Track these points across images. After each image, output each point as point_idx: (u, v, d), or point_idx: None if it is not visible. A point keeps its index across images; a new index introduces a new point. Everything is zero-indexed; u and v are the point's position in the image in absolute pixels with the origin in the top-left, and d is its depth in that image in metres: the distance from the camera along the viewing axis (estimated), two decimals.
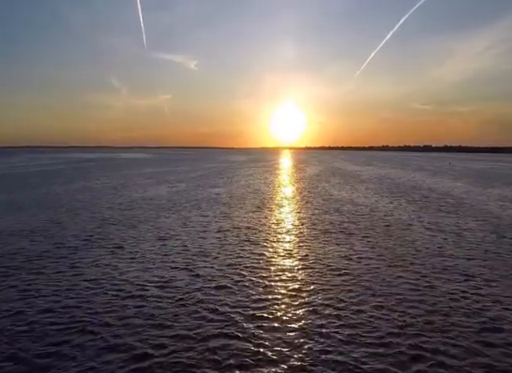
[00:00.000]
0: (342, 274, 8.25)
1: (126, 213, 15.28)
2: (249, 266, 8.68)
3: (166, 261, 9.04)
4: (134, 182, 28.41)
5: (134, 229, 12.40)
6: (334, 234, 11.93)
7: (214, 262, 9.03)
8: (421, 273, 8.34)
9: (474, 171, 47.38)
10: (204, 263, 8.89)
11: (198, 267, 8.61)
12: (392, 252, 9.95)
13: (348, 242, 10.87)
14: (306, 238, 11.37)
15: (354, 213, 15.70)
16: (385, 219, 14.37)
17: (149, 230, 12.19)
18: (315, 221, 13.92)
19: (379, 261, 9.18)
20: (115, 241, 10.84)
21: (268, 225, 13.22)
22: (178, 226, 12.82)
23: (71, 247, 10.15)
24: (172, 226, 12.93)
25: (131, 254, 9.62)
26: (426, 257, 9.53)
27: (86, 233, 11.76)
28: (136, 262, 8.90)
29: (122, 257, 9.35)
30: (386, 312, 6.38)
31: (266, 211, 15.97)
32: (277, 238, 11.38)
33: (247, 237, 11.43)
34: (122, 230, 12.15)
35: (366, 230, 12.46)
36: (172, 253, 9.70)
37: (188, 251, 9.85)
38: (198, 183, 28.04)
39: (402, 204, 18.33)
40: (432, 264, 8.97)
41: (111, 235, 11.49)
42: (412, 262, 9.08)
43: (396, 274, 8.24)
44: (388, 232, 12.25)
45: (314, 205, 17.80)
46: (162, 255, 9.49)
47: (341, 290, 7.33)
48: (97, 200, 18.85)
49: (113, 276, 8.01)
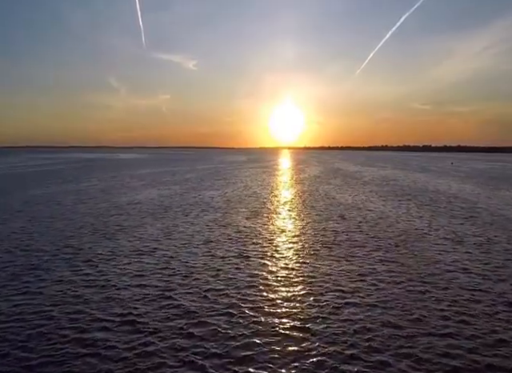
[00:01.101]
0: (350, 299, 6.77)
1: (107, 220, 13.78)
2: (239, 294, 7.20)
3: (136, 286, 7.54)
4: (125, 184, 26.92)
5: (110, 240, 10.90)
6: (339, 246, 10.45)
7: (196, 286, 7.54)
8: (447, 299, 6.87)
9: (479, 172, 45.94)
10: (183, 289, 7.40)
11: (176, 297, 7.12)
12: (408, 269, 8.47)
13: (356, 257, 9.39)
14: (307, 252, 9.88)
15: (361, 220, 14.22)
16: (395, 228, 12.89)
17: (127, 242, 10.69)
18: (317, 230, 12.44)
19: (394, 283, 7.69)
20: (83, 256, 9.32)
21: (264, 235, 11.73)
22: (161, 237, 11.32)
23: (27, 265, 8.64)
24: (155, 236, 11.43)
25: (96, 274, 8.11)
26: (450, 277, 8.05)
27: (53, 245, 10.25)
28: (99, 287, 7.38)
29: (84, 279, 7.84)
30: (407, 352, 4.91)
31: (263, 218, 14.48)
32: (274, 252, 9.89)
33: (239, 251, 9.94)
34: (94, 242, 10.64)
35: (375, 242, 10.98)
36: (146, 273, 8.18)
37: (167, 271, 8.35)
38: (192, 185, 26.55)
39: (411, 209, 16.86)
40: (459, 286, 7.49)
41: (81, 248, 9.98)
42: (435, 284, 7.60)
43: (415, 299, 6.76)
44: (401, 244, 10.77)
45: (316, 210, 16.32)
46: (132, 277, 7.97)
47: (350, 321, 5.85)
48: (80, 204, 17.35)
49: (65, 310, 6.51)
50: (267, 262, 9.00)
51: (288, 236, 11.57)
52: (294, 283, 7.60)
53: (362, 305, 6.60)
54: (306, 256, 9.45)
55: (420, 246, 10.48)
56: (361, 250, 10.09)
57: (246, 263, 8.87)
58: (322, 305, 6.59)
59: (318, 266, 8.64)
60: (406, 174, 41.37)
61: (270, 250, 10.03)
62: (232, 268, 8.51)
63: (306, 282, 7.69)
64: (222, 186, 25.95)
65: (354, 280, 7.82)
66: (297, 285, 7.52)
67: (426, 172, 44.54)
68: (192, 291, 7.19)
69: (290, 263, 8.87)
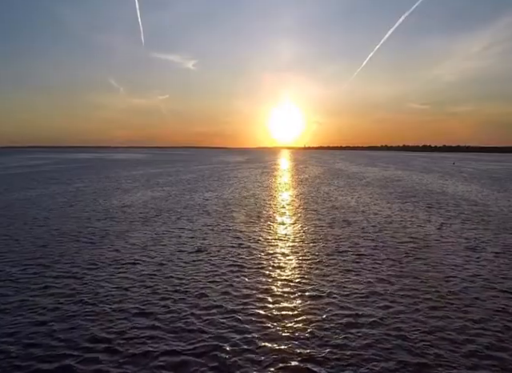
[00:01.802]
0: (360, 321, 5.74)
1: (92, 225, 12.72)
2: (233, 313, 6.15)
3: (113, 302, 6.50)
4: (117, 186, 25.85)
5: (91, 248, 9.84)
6: (343, 256, 9.41)
7: (183, 302, 6.49)
8: (473, 322, 5.84)
9: (482, 172, 44.96)
10: (167, 308, 6.35)
11: (158, 316, 6.07)
12: (423, 285, 7.44)
13: (363, 270, 8.35)
14: (309, 262, 8.84)
15: (365, 225, 13.18)
16: (404, 234, 11.86)
17: (109, 251, 9.63)
18: (320, 236, 11.40)
19: (409, 302, 6.66)
20: (58, 268, 8.27)
21: (263, 243, 10.69)
22: (148, 245, 10.26)
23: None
24: (141, 244, 10.37)
25: (69, 288, 7.05)
26: (472, 295, 7.02)
27: (28, 254, 9.19)
28: (71, 303, 6.33)
29: (56, 293, 6.79)
30: None
31: (261, 223, 13.44)
32: (273, 263, 8.84)
33: (234, 261, 8.89)
34: (73, 251, 9.57)
35: (384, 250, 9.95)
36: (125, 289, 7.14)
37: (150, 284, 7.31)
38: (188, 187, 25.49)
39: (418, 212, 15.83)
40: (485, 307, 6.46)
41: (57, 259, 8.91)
42: (456, 304, 6.57)
43: (436, 324, 5.74)
44: (411, 252, 9.74)
45: (318, 214, 15.28)
46: (107, 295, 6.92)
47: (360, 349, 4.82)
48: (66, 208, 16.29)
49: (32, 329, 5.45)
50: (265, 274, 7.96)
51: (288, 244, 10.53)
52: (295, 300, 6.56)
53: (371, 327, 5.57)
54: (308, 268, 8.41)
55: (433, 256, 9.44)
56: (368, 260, 9.06)
57: (241, 276, 7.83)
58: (327, 327, 5.56)
59: (322, 280, 7.60)
60: (409, 174, 40.35)
61: (268, 260, 8.98)
62: (225, 282, 7.47)
63: (309, 298, 6.65)
64: (218, 188, 24.90)
65: (362, 297, 6.79)
66: (299, 302, 6.48)
67: (429, 172, 43.53)
68: (177, 309, 6.16)
69: (290, 276, 7.83)
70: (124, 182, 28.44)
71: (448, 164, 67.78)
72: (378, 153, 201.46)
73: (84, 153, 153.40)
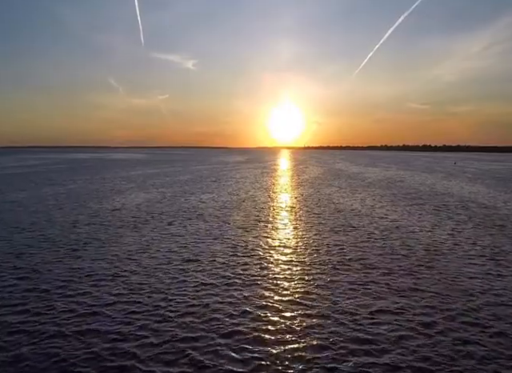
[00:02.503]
0: (371, 344, 4.86)
1: (77, 231, 11.83)
2: (226, 337, 5.27)
3: (88, 323, 5.61)
4: (111, 187, 24.96)
5: (70, 258, 8.91)
6: (350, 266, 8.53)
7: (169, 324, 5.60)
8: (502, 347, 4.97)
9: (485, 172, 44.08)
10: (149, 331, 5.47)
11: (137, 341, 5.18)
12: (443, 300, 6.56)
13: (374, 282, 7.48)
14: (312, 275, 7.95)
15: (371, 230, 12.30)
16: (413, 240, 10.98)
17: (89, 261, 8.72)
18: (324, 243, 10.52)
19: (427, 322, 5.78)
20: (33, 281, 7.37)
21: (261, 251, 9.81)
22: (132, 255, 9.35)
23: None
24: (125, 254, 9.45)
25: (38, 310, 6.15)
26: (502, 312, 6.14)
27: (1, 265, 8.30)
28: (33, 326, 5.44)
29: (21, 314, 5.90)
30: None
31: (260, 229, 12.55)
32: (273, 276, 7.96)
33: (226, 272, 8.01)
34: (49, 260, 8.66)
35: (393, 259, 9.07)
36: (103, 307, 6.24)
37: (131, 305, 6.41)
38: (184, 188, 24.60)
39: (426, 215, 14.95)
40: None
41: (33, 270, 8.01)
42: (485, 321, 5.69)
43: (455, 344, 4.86)
44: (426, 262, 8.85)
45: (320, 218, 14.40)
46: (82, 314, 6.04)
47: None
48: (53, 211, 15.40)
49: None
50: (263, 288, 7.08)
51: (289, 253, 9.64)
52: (297, 319, 5.69)
53: (385, 351, 4.69)
54: (312, 281, 7.52)
55: (448, 266, 8.56)
56: (377, 271, 8.18)
57: (236, 290, 6.95)
58: (335, 352, 4.68)
59: (328, 295, 6.72)
60: (412, 174, 39.47)
61: (266, 272, 8.10)
62: (218, 297, 6.59)
63: (313, 317, 5.77)
64: (216, 189, 24.02)
65: (373, 315, 5.91)
66: (302, 322, 5.60)
67: (432, 172, 42.65)
68: (162, 330, 5.28)
69: (292, 290, 6.95)
70: (119, 184, 27.56)
71: (449, 164, 66.90)
72: (378, 153, 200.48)
73: (83, 153, 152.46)
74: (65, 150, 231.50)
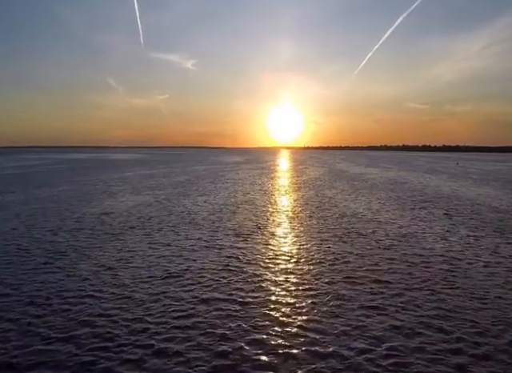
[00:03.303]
0: None
1: (56, 239, 10.70)
2: None
3: (39, 363, 4.51)
4: (104, 189, 23.87)
5: (42, 272, 7.78)
6: (360, 283, 7.44)
7: (140, 355, 4.51)
8: None
9: (489, 173, 43.03)
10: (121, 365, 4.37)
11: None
12: (472, 326, 5.47)
13: (390, 304, 6.38)
14: (317, 294, 6.86)
15: (380, 237, 11.21)
16: (429, 250, 9.88)
17: (63, 275, 7.61)
18: (328, 255, 9.42)
19: (456, 357, 4.69)
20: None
21: (256, 264, 8.71)
22: (110, 269, 8.22)
23: None
24: (103, 267, 8.28)
25: None
26: None
27: None
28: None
29: None
30: None
31: (257, 237, 11.45)
32: (269, 294, 6.86)
33: (217, 290, 6.91)
34: (17, 275, 7.55)
35: (410, 274, 7.97)
36: (66, 328, 5.13)
37: (102, 330, 5.31)
38: (180, 190, 23.50)
39: (438, 221, 13.84)
40: None
41: None
42: None
43: None
44: (446, 278, 7.75)
45: (323, 225, 13.31)
46: (37, 352, 4.93)
47: None
48: (36, 216, 14.30)
49: None
50: (260, 312, 5.99)
51: (290, 266, 8.54)
52: (300, 348, 4.59)
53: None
54: (317, 301, 6.43)
55: (472, 284, 7.47)
56: (391, 289, 7.09)
57: (227, 315, 5.86)
58: None
59: (334, 320, 5.64)
60: (415, 175, 38.39)
61: (264, 289, 7.01)
62: (206, 323, 5.50)
63: (318, 346, 4.68)
64: (212, 192, 22.92)
65: (391, 349, 4.82)
66: (305, 351, 4.51)
67: (435, 173, 41.58)
68: (135, 362, 4.20)
69: (293, 313, 5.86)
70: (113, 185, 26.47)
71: (451, 164, 65.84)
72: (378, 153, 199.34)
73: (82, 153, 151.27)
74: (64, 150, 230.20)
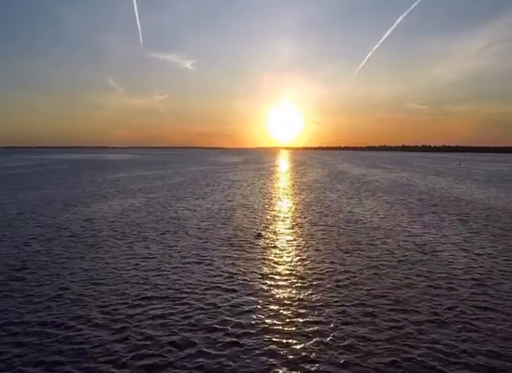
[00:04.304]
0: None
1: (27, 250, 9.42)
2: None
3: None
4: (94, 192, 22.61)
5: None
6: (370, 308, 6.21)
7: None
8: None
9: (494, 174, 41.82)
10: None
11: None
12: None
13: (415, 337, 5.15)
14: (325, 324, 5.62)
15: (392, 249, 9.95)
16: (452, 265, 8.64)
17: (23, 297, 6.37)
18: (337, 270, 8.17)
19: None
20: None
21: (252, 283, 7.46)
22: (72, 293, 6.96)
23: None
24: (66, 288, 7.02)
25: None
26: None
27: None
28: None
29: None
30: None
31: (254, 248, 10.19)
32: (267, 320, 5.62)
33: (205, 315, 5.67)
34: None
35: (436, 297, 6.74)
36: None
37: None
38: (173, 194, 22.23)
39: (455, 229, 12.58)
40: None
41: None
42: None
43: None
44: (480, 303, 6.53)
45: (326, 234, 12.07)
46: None
47: None
48: (12, 222, 13.03)
49: None
50: (256, 343, 4.76)
51: (292, 286, 7.30)
52: None
53: None
54: (326, 345, 5.20)
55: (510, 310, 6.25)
56: (408, 312, 5.86)
57: (217, 348, 4.62)
58: None
59: (345, 358, 4.41)
60: (419, 177, 37.16)
61: (261, 314, 5.77)
62: (192, 360, 4.27)
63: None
64: (208, 195, 21.67)
65: None
66: None
67: (440, 175, 40.35)
68: None
69: (296, 349, 4.63)
70: (104, 187, 25.22)
71: (453, 165, 64.66)
72: (378, 153, 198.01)
73: (81, 153, 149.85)
74: (63, 151, 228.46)
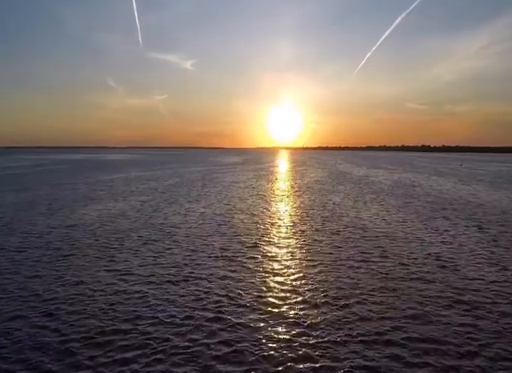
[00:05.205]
0: None
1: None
2: None
3: None
4: (85, 194, 21.45)
5: None
6: (398, 340, 5.08)
7: None
8: None
9: (498, 175, 40.73)
10: None
11: None
12: None
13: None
14: (324, 358, 4.50)
15: (410, 265, 8.79)
16: (484, 286, 7.51)
17: None
18: (346, 288, 7.03)
19: None
20: None
21: (248, 306, 6.33)
22: (47, 310, 5.81)
23: None
24: (39, 308, 5.91)
25: None
26: None
27: None
28: None
29: None
30: None
31: (249, 264, 9.05)
32: (266, 352, 4.49)
33: (191, 352, 4.54)
34: None
35: (476, 331, 5.62)
36: None
37: None
38: (166, 196, 21.07)
39: (474, 238, 11.42)
40: None
41: None
42: None
43: None
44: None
45: (332, 245, 10.91)
46: None
47: None
48: None
49: None
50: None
51: (289, 309, 6.18)
52: None
53: None
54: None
55: None
56: (443, 345, 4.73)
57: None
58: None
59: None
60: (423, 178, 36.01)
61: (258, 345, 4.64)
62: None
63: None
64: (203, 198, 20.52)
65: None
66: None
67: (443, 176, 39.22)
68: None
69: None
70: (96, 189, 24.07)
71: (455, 165, 63.56)
72: (378, 153, 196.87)
73: (81, 153, 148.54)
74: (63, 151, 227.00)
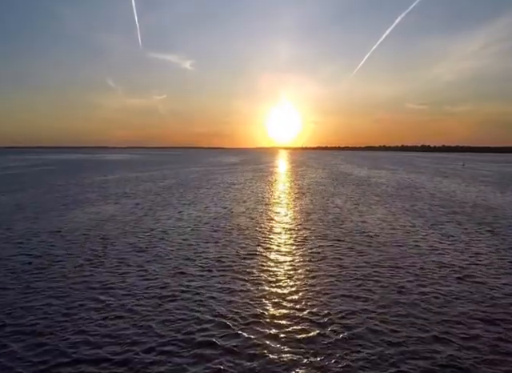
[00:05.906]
0: None
1: None
2: None
3: None
4: (76, 195, 20.52)
5: None
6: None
7: None
8: None
9: (503, 175, 39.87)
10: None
11: None
12: None
13: None
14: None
15: (422, 277, 7.89)
16: (505, 296, 6.64)
17: None
18: (350, 305, 6.14)
19: None
20: None
21: (252, 328, 5.42)
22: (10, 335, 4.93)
23: None
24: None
25: None
26: None
27: None
28: None
29: None
30: None
31: (245, 277, 8.13)
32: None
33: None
34: None
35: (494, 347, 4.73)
36: None
37: None
38: (160, 198, 20.14)
39: (493, 246, 10.53)
40: None
41: None
42: None
43: None
44: None
45: (335, 252, 10.00)
46: None
47: None
48: None
49: None
50: None
51: (299, 327, 5.27)
52: None
53: None
54: None
55: None
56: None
57: None
58: None
59: None
60: (425, 179, 35.10)
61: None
62: None
63: None
64: (198, 200, 19.60)
65: None
66: None
67: (447, 176, 38.32)
68: None
69: None
70: (88, 190, 23.16)
71: (457, 166, 62.72)
72: (378, 153, 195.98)
73: (80, 154, 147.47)
74: (63, 151, 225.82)
